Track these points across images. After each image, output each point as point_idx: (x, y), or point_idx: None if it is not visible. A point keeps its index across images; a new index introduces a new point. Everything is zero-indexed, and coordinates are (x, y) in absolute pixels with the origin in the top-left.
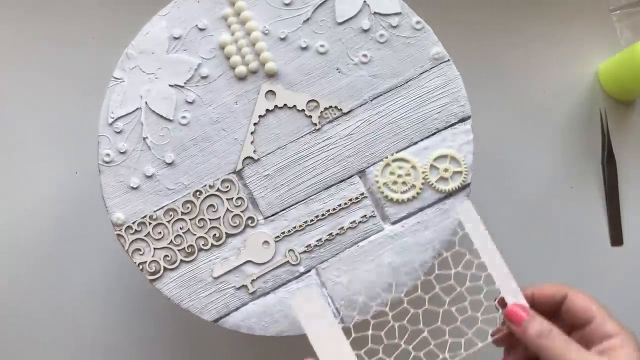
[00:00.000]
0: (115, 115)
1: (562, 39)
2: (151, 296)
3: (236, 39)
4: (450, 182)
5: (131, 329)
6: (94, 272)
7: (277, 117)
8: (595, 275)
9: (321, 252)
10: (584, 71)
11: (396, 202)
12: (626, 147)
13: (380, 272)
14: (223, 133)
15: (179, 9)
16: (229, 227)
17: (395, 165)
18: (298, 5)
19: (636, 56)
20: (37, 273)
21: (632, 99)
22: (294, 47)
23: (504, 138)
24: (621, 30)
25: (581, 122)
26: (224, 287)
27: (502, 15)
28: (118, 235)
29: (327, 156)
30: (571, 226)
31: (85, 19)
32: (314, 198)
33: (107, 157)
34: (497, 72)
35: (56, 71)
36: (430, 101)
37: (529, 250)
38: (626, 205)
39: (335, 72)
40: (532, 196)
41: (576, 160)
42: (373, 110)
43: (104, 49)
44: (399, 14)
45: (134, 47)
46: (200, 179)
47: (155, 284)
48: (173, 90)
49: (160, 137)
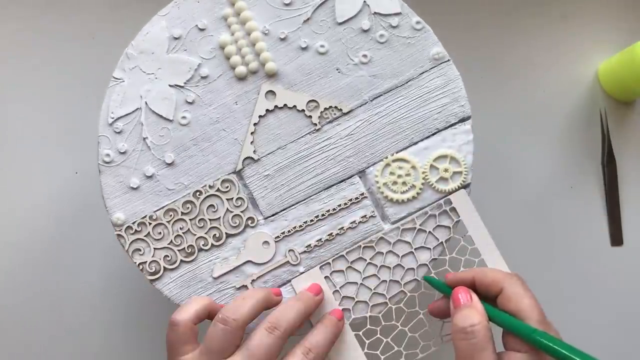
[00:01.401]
0: (115, 116)
1: (562, 39)
2: (151, 296)
3: (236, 39)
4: (450, 182)
5: (131, 329)
6: (94, 272)
7: (277, 117)
8: (595, 275)
9: (321, 252)
10: (584, 71)
11: (396, 202)
12: (626, 147)
13: (380, 272)
14: (223, 133)
15: (179, 9)
16: (229, 227)
17: (395, 165)
18: (298, 5)
19: (636, 56)
20: (37, 273)
21: (632, 99)
22: (294, 47)
23: (504, 138)
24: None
25: (581, 122)
26: (224, 287)
27: (502, 15)
28: (118, 235)
29: (327, 156)
30: (571, 226)
31: (85, 18)
32: (314, 198)
33: (107, 157)
34: (497, 72)
35: (56, 71)
36: (430, 101)
37: (529, 250)
38: (626, 205)
39: (335, 72)
40: (532, 196)
41: (576, 160)
42: (373, 110)
43: (104, 49)
44: (399, 14)
45: (134, 47)
46: (200, 179)
47: (155, 284)
48: (173, 91)
49: (160, 137)
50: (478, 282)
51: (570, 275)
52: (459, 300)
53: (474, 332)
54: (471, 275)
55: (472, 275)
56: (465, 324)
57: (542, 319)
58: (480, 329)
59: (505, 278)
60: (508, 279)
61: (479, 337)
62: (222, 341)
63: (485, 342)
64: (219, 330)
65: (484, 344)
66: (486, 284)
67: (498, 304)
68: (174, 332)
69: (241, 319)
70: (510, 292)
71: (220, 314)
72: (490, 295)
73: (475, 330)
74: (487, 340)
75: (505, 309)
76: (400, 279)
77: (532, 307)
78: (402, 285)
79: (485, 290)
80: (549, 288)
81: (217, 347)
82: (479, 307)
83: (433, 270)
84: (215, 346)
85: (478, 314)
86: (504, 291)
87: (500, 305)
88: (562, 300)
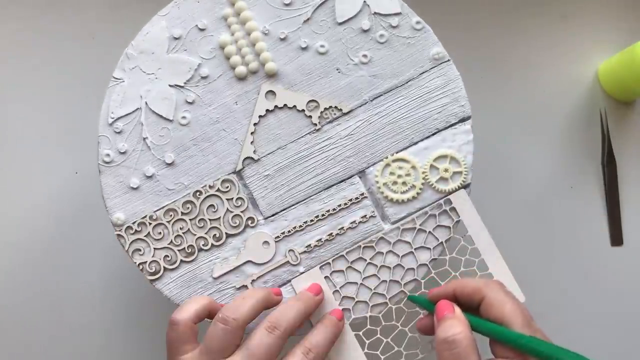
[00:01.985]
0: (115, 116)
1: (562, 39)
2: (151, 296)
3: (236, 39)
4: (450, 182)
5: (131, 329)
6: (94, 272)
7: (277, 117)
8: (595, 275)
9: (321, 252)
10: (584, 71)
11: (396, 202)
12: (626, 147)
13: (380, 272)
14: (223, 133)
15: (179, 9)
16: (229, 227)
17: (395, 165)
18: (298, 5)
19: (636, 56)
20: (37, 273)
21: (632, 99)
22: (294, 47)
23: (504, 138)
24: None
25: (581, 122)
26: (224, 287)
27: (502, 15)
28: (118, 235)
29: (327, 156)
30: (571, 226)
31: (85, 18)
32: (314, 198)
33: (107, 157)
34: (497, 72)
35: (56, 71)
36: (431, 101)
37: (529, 250)
38: (626, 205)
39: (335, 72)
40: (532, 196)
41: (576, 160)
42: (373, 110)
43: (104, 49)
44: (399, 14)
45: (134, 47)
46: (200, 179)
47: (155, 284)
48: (173, 91)
49: (160, 137)
50: (459, 293)
51: (570, 275)
52: (442, 312)
53: (456, 341)
54: (452, 287)
55: (452, 288)
56: (448, 334)
57: (526, 322)
58: (462, 339)
59: (485, 286)
60: (488, 287)
61: (462, 346)
62: (222, 341)
63: (469, 351)
64: (219, 330)
65: (467, 353)
66: (467, 294)
67: (481, 312)
68: (174, 331)
69: (241, 319)
70: (492, 299)
71: (220, 314)
72: (473, 304)
73: (457, 340)
74: (470, 349)
75: (489, 317)
76: (401, 279)
77: (514, 312)
78: (402, 285)
79: (468, 301)
80: (549, 288)
81: (217, 346)
82: (460, 318)
83: (433, 270)
84: (215, 346)
85: (460, 324)
86: (485, 299)
87: (483, 314)
88: (562, 300)
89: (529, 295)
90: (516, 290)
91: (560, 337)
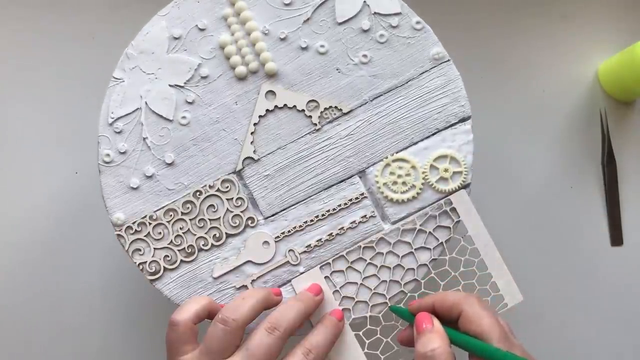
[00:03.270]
0: (115, 116)
1: (562, 39)
2: (151, 296)
3: (236, 39)
4: (450, 182)
5: (131, 329)
6: (94, 272)
7: (277, 117)
8: (595, 275)
9: (321, 252)
10: (584, 71)
11: (396, 202)
12: (626, 147)
13: (380, 272)
14: (223, 133)
15: (179, 9)
16: (229, 227)
17: (395, 165)
18: (298, 5)
19: (636, 56)
20: (37, 273)
21: (632, 99)
22: (294, 47)
23: (504, 138)
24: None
25: (581, 122)
26: (224, 287)
27: (502, 15)
28: (118, 235)
29: (327, 156)
30: (571, 226)
31: (85, 19)
32: (314, 198)
33: (107, 157)
34: (497, 72)
35: (56, 71)
36: (431, 101)
37: (529, 250)
38: (626, 205)
39: (335, 72)
40: (532, 196)
41: (576, 160)
42: (373, 110)
43: (104, 49)
44: (399, 14)
45: (134, 47)
46: (200, 179)
47: (155, 284)
48: (173, 91)
49: (160, 137)
50: (438, 307)
51: (570, 275)
52: (421, 326)
53: (434, 356)
54: (431, 301)
55: (432, 301)
56: (426, 349)
57: (502, 336)
58: (441, 353)
59: (463, 300)
60: (466, 300)
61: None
62: (222, 341)
63: None
64: (219, 330)
65: None
66: (446, 308)
67: (460, 326)
68: (174, 331)
69: (241, 319)
70: (470, 313)
71: (220, 314)
72: (452, 318)
73: (436, 355)
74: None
75: (467, 331)
76: (400, 279)
77: (492, 326)
78: (402, 286)
79: (447, 314)
80: (549, 288)
81: (217, 347)
82: (440, 332)
83: (433, 270)
84: (215, 346)
85: (438, 338)
86: (463, 313)
87: (462, 328)
88: (562, 300)
89: (529, 295)
90: (515, 291)
91: (560, 337)
